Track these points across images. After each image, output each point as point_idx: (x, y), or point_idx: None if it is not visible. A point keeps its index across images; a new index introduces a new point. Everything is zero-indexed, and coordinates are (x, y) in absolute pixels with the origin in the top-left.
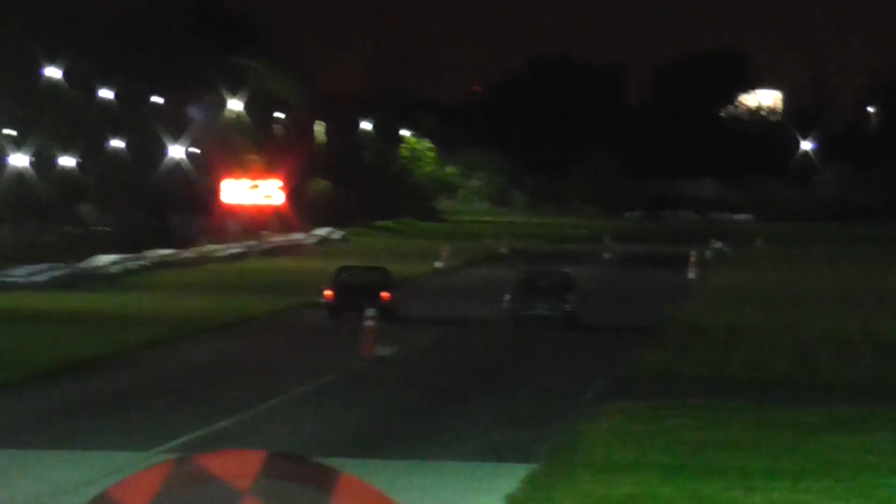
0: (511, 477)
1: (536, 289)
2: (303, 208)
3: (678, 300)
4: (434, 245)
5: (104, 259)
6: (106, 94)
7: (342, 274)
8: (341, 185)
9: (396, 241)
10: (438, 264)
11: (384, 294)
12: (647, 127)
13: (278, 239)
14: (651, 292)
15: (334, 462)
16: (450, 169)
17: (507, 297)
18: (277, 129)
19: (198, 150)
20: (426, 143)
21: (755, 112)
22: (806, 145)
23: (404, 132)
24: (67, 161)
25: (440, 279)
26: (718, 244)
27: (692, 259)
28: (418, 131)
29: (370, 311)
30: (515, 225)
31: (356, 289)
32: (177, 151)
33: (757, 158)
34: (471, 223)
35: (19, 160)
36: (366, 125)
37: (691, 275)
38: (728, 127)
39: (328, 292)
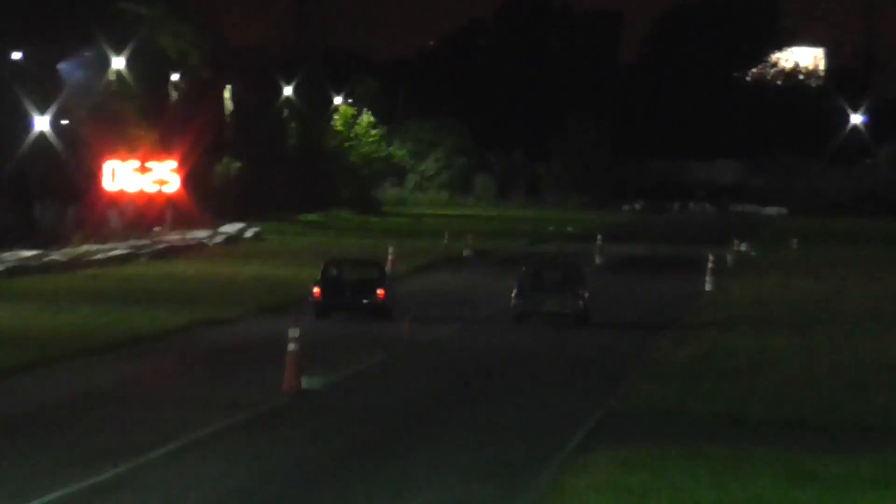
0: None
1: (545, 283)
2: (206, 197)
3: (688, 316)
4: (375, 245)
5: None
6: None
7: (331, 268)
8: (256, 168)
9: (327, 239)
10: None
11: (380, 291)
12: (649, 93)
13: (174, 237)
14: (655, 307)
15: None
16: (396, 148)
17: (514, 292)
18: (174, 95)
19: (71, 123)
20: (366, 116)
21: (789, 75)
22: (855, 118)
23: (338, 101)
24: None
25: None
26: (742, 245)
27: (710, 265)
28: (356, 100)
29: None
30: (481, 220)
31: (348, 285)
32: (42, 124)
33: (791, 135)
34: (424, 217)
35: None
36: (288, 91)
37: (708, 285)
38: (754, 95)
39: (316, 289)
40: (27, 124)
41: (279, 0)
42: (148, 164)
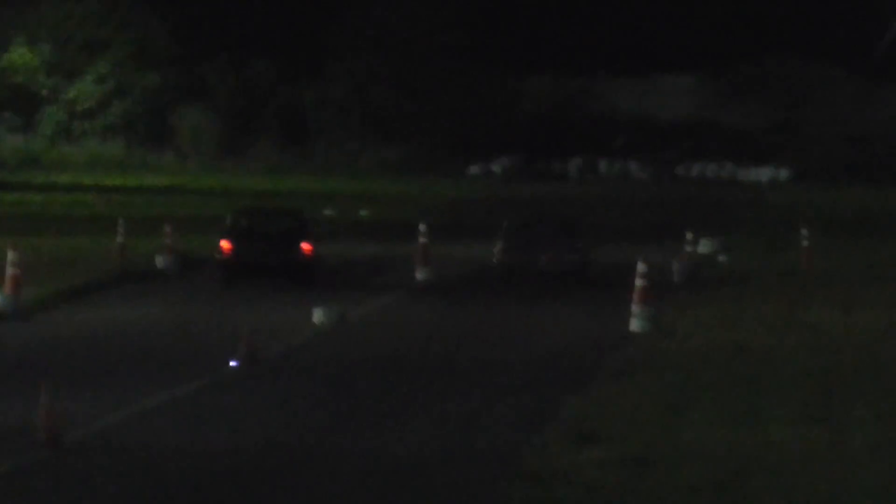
0: None
1: (537, 235)
2: None
3: (588, 407)
4: None
5: None
6: None
7: (241, 219)
8: None
9: None
10: None
11: (305, 245)
12: None
13: None
14: (519, 373)
15: None
16: (19, 50)
17: (498, 246)
18: None
19: None
20: None
21: None
22: None
23: None
24: None
25: None
26: (702, 243)
27: (640, 281)
28: None
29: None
30: (192, 195)
31: (266, 238)
32: None
33: (796, 26)
34: (84, 191)
35: None
36: None
37: (637, 321)
38: None
39: (224, 243)
40: None
41: None
42: None
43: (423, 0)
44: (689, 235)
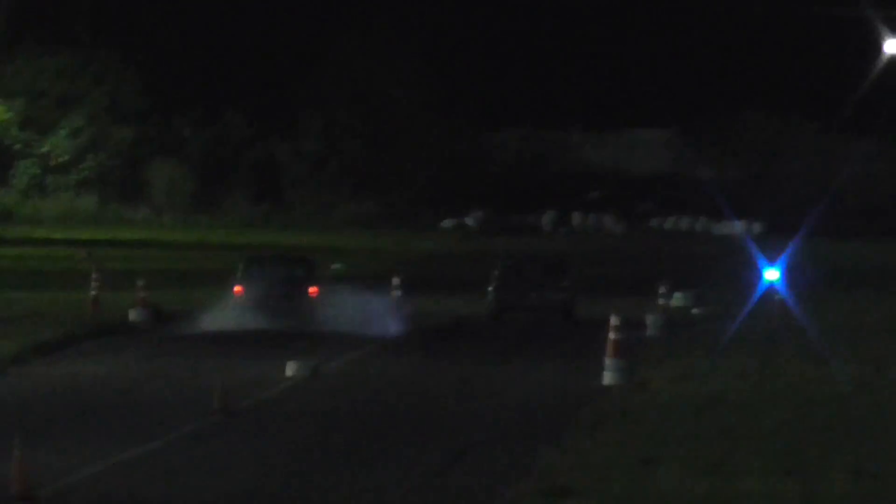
0: None
1: (528, 274)
2: None
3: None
4: None
5: None
6: None
7: (253, 265)
8: None
9: None
10: None
11: (312, 289)
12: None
13: None
14: (493, 423)
15: None
16: None
17: (491, 285)
18: None
19: None
20: None
21: None
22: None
23: None
24: None
25: None
26: (675, 296)
27: (613, 334)
28: None
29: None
30: (167, 249)
31: (276, 282)
32: None
33: (771, 79)
34: (49, 243)
35: None
36: None
37: (609, 374)
38: None
39: (238, 288)
40: None
41: None
42: None
43: (396, 53)
44: (662, 288)
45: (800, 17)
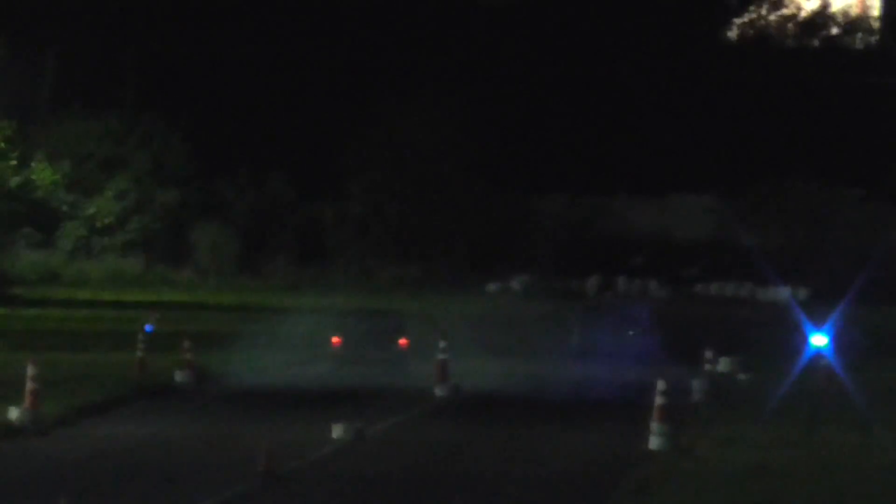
0: None
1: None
2: None
3: None
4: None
5: None
6: None
7: (351, 319)
8: None
9: None
10: None
11: (402, 341)
12: (540, 65)
13: None
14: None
15: None
16: (40, 167)
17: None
18: None
19: None
20: None
21: (809, 26)
22: None
23: None
24: None
25: None
26: (721, 361)
27: (659, 399)
28: None
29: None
30: (212, 311)
31: (370, 334)
32: None
33: (816, 144)
34: (94, 305)
35: None
36: None
37: (655, 439)
38: (741, 64)
39: (336, 339)
40: None
41: None
42: None
43: (441, 119)
44: (708, 354)
45: (844, 83)
